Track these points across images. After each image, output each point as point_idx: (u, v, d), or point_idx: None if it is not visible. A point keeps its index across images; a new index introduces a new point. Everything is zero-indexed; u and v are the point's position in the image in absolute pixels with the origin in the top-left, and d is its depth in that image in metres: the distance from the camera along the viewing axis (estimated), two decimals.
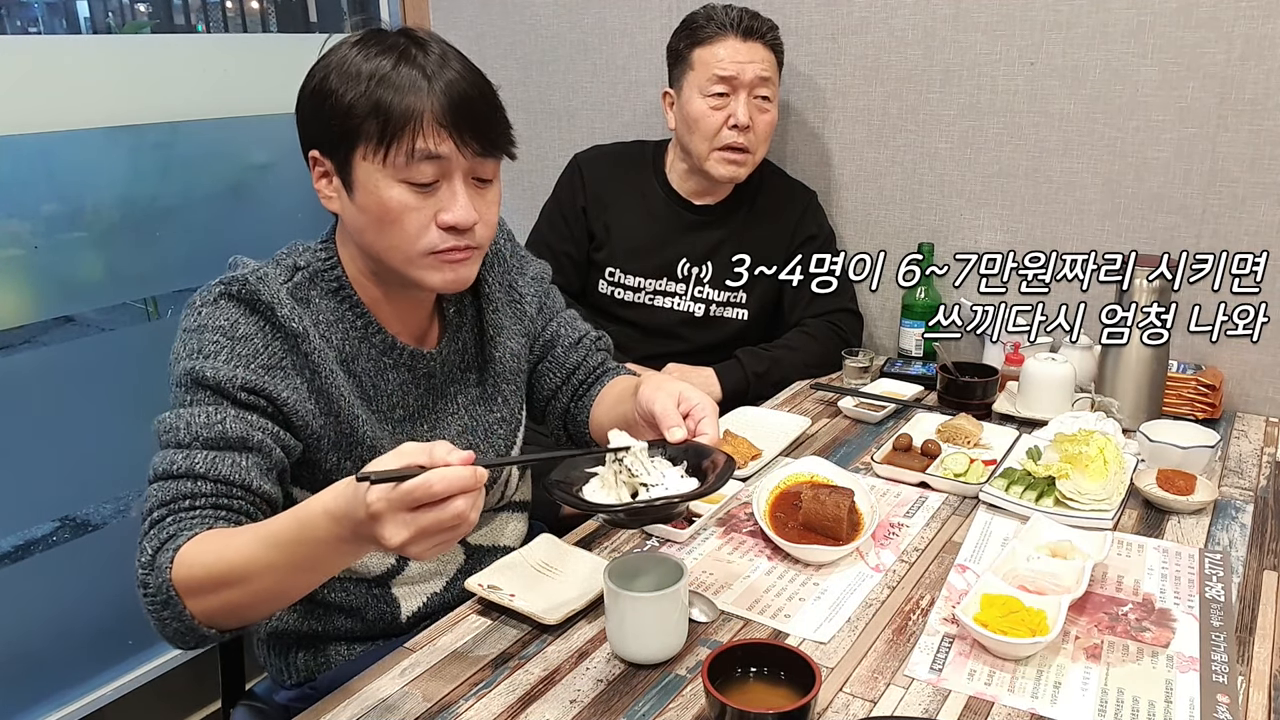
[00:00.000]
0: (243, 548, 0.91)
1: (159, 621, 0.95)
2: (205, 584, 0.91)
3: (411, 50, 1.04)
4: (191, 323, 1.05)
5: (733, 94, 1.82)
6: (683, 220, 1.94)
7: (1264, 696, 0.97)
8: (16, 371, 1.81)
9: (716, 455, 1.01)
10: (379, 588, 1.20)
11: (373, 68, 1.02)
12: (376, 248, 1.09)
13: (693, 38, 1.84)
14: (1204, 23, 1.67)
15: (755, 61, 1.82)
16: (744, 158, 1.85)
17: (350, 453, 1.11)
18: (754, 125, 1.83)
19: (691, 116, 1.84)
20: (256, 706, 1.30)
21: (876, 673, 1.01)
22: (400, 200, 1.04)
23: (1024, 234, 1.92)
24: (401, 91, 1.01)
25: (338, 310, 1.12)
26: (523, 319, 1.31)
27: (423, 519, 0.80)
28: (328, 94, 1.03)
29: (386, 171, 1.03)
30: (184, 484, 0.97)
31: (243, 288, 1.05)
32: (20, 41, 1.80)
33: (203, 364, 1.01)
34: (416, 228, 1.05)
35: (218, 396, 1.01)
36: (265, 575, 0.90)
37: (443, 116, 1.02)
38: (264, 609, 0.96)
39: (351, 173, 1.05)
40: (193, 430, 0.99)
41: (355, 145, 1.03)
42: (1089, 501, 1.30)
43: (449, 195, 1.05)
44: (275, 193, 2.13)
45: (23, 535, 1.84)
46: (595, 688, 0.99)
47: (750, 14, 1.83)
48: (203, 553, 0.92)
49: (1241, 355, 1.76)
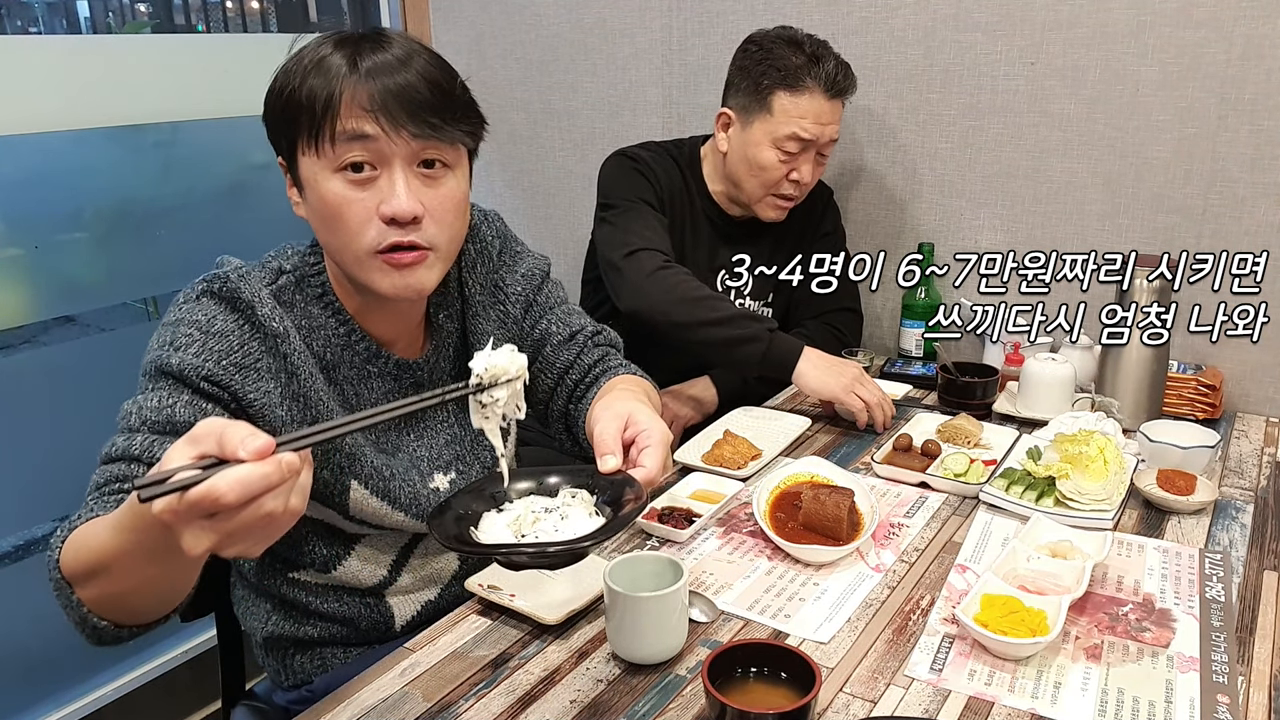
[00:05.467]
0: (100, 533, 0.82)
1: (64, 610, 0.89)
2: (82, 570, 0.85)
3: (361, 43, 1.01)
4: (171, 316, 1.03)
5: (803, 151, 1.76)
6: (720, 232, 1.91)
7: (1264, 697, 0.97)
8: (16, 371, 1.82)
9: (638, 491, 0.90)
10: (372, 597, 1.19)
11: (313, 56, 1.00)
12: (330, 250, 1.07)
13: (783, 80, 1.72)
14: (1204, 23, 1.67)
15: (834, 123, 1.77)
16: (792, 203, 1.84)
17: (329, 460, 1.08)
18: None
19: (757, 163, 1.77)
20: (256, 706, 1.30)
21: (876, 673, 1.01)
22: (337, 193, 1.00)
23: (1024, 234, 1.92)
24: (326, 76, 0.98)
25: (320, 317, 1.10)
26: (506, 321, 1.25)
27: (224, 525, 0.67)
28: (273, 91, 1.02)
29: (322, 163, 1.00)
30: (119, 467, 0.94)
31: (224, 285, 1.03)
32: (20, 41, 1.80)
33: (170, 354, 0.99)
34: (358, 222, 1.01)
35: (178, 384, 0.98)
36: (123, 563, 0.81)
37: (367, 97, 0.98)
38: (142, 601, 0.87)
39: (299, 173, 1.03)
40: (142, 414, 0.96)
41: (296, 140, 1.01)
42: (1089, 502, 1.30)
43: (388, 185, 1.00)
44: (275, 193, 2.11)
45: (23, 535, 1.84)
46: (595, 688, 0.98)
47: (842, 69, 1.74)
48: (81, 534, 0.86)
49: (1241, 355, 1.76)
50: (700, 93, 2.19)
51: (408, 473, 1.16)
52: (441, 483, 1.19)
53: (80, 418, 1.80)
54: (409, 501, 1.15)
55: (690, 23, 2.17)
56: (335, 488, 1.10)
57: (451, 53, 2.44)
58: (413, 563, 1.21)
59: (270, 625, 1.20)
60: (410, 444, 1.18)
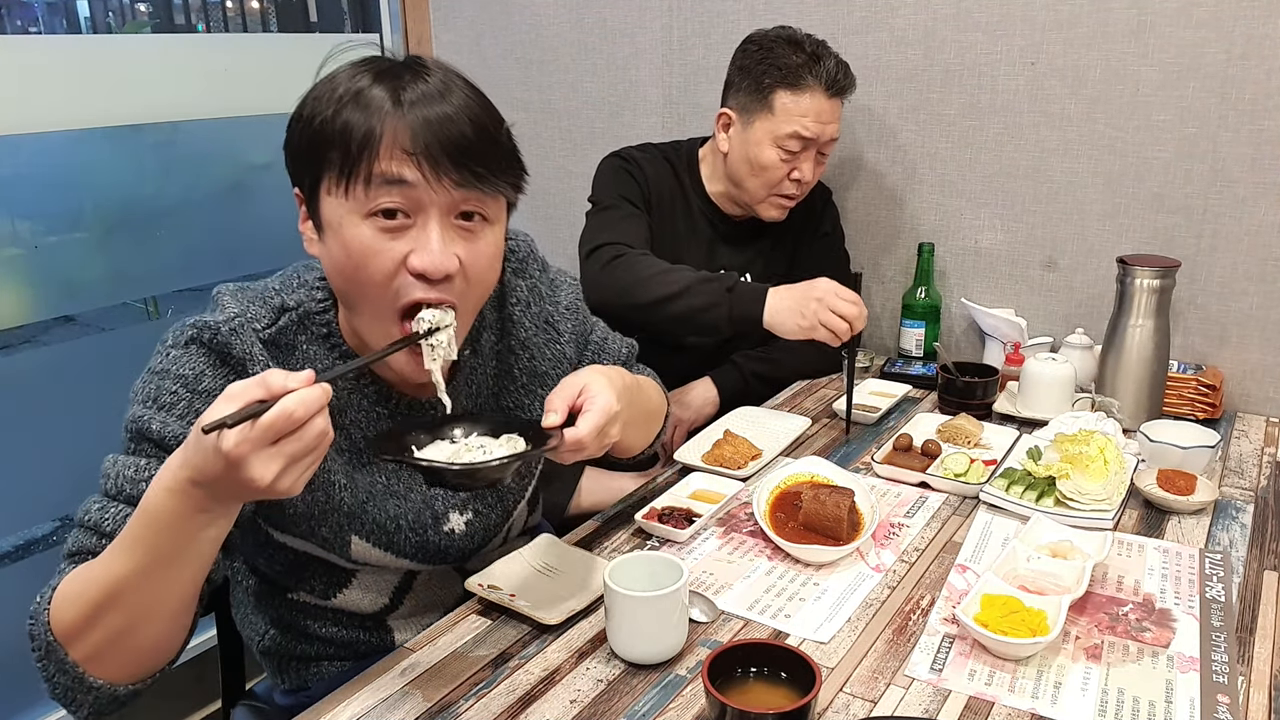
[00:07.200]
0: (104, 562, 0.84)
1: (48, 680, 0.87)
2: (80, 618, 0.84)
3: (401, 74, 0.93)
4: (157, 363, 0.97)
5: (804, 150, 1.75)
6: (719, 232, 1.91)
7: (1264, 697, 0.97)
8: (16, 371, 1.82)
9: (558, 441, 0.98)
10: (372, 622, 1.18)
11: (348, 87, 0.91)
12: (346, 298, 0.99)
13: (783, 79, 1.72)
14: (1204, 23, 1.67)
15: (835, 122, 1.76)
16: (794, 202, 1.84)
17: (327, 519, 1.05)
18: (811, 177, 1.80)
19: (758, 162, 1.76)
20: (256, 706, 1.30)
21: (877, 673, 1.01)
22: (365, 241, 0.91)
23: (1024, 234, 1.92)
24: (366, 111, 0.90)
25: (326, 359, 1.03)
26: (562, 361, 1.20)
27: (288, 448, 0.75)
28: (300, 119, 0.94)
29: (350, 206, 0.91)
30: (90, 537, 0.91)
31: (214, 336, 0.96)
32: (20, 41, 1.80)
33: (153, 415, 0.94)
34: (383, 274, 0.92)
35: (159, 451, 0.93)
36: (133, 581, 0.82)
37: (410, 139, 0.89)
38: (149, 632, 0.87)
39: (320, 211, 0.94)
40: (119, 482, 0.92)
41: (321, 177, 0.93)
42: (1089, 501, 1.30)
43: (421, 235, 0.92)
44: (275, 193, 2.13)
45: (23, 535, 1.84)
46: (595, 688, 0.98)
47: (842, 68, 1.74)
48: (71, 583, 0.86)
49: (1241, 355, 1.76)
50: (700, 93, 2.19)
51: (419, 515, 1.12)
52: (457, 523, 1.15)
53: (80, 418, 1.80)
54: (414, 550, 1.12)
55: (690, 23, 2.17)
56: (336, 542, 1.08)
57: (451, 53, 2.45)
58: (416, 589, 1.19)
59: (268, 640, 1.19)
60: (421, 487, 1.13)
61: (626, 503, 1.39)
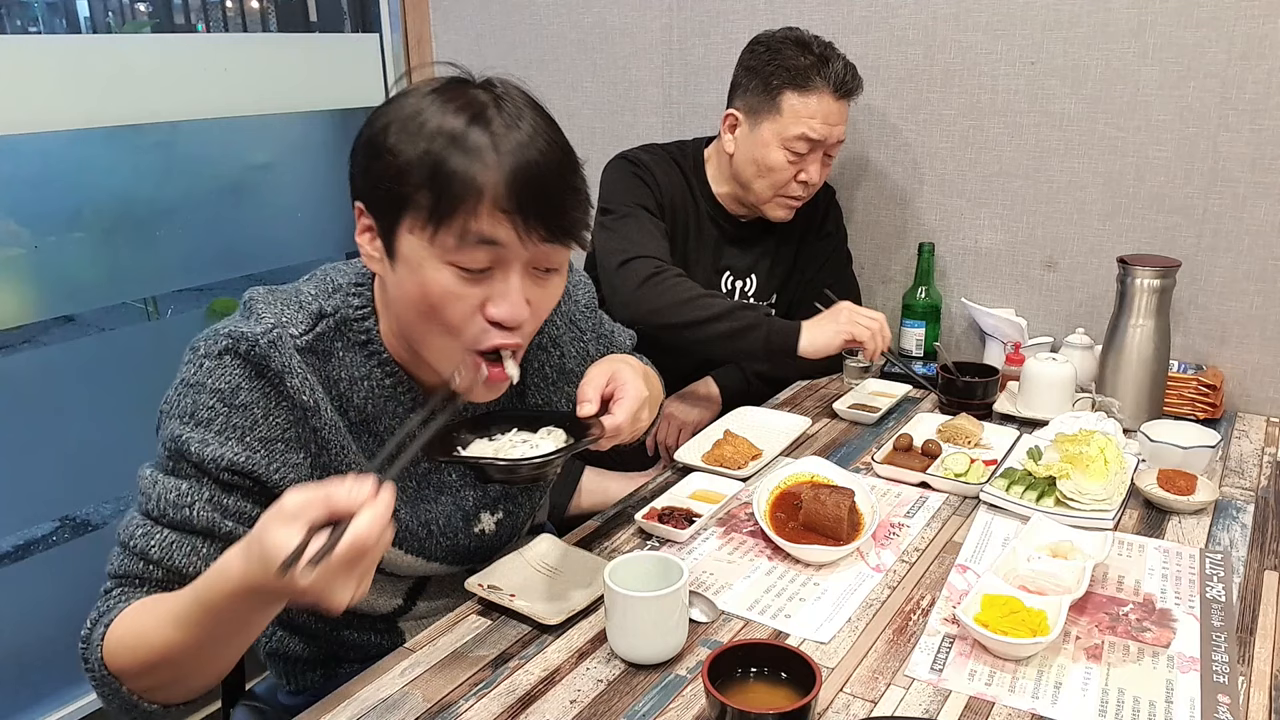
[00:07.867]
0: (159, 629, 0.85)
1: (103, 696, 0.91)
2: (135, 665, 0.87)
3: (489, 108, 0.90)
4: (191, 374, 0.95)
5: (811, 152, 1.76)
6: (725, 233, 1.91)
7: (1265, 697, 0.96)
8: (16, 371, 1.82)
9: (600, 431, 1.03)
10: (384, 624, 1.18)
11: (440, 125, 0.88)
12: (413, 333, 0.98)
13: (791, 80, 1.72)
14: (1204, 23, 1.67)
15: (842, 123, 1.77)
16: (800, 203, 1.84)
17: None
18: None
19: (765, 164, 1.76)
20: (257, 706, 1.30)
21: (877, 673, 1.01)
22: (444, 286, 0.91)
23: (1024, 234, 1.92)
24: (467, 157, 0.87)
25: (364, 366, 1.02)
26: (585, 359, 1.23)
27: (364, 565, 0.75)
28: (383, 149, 0.90)
29: (434, 251, 0.90)
30: (137, 562, 0.92)
31: (251, 349, 0.94)
32: (20, 41, 1.80)
33: (191, 434, 0.93)
34: (460, 318, 0.93)
35: (199, 474, 0.93)
36: (191, 651, 0.85)
37: (506, 195, 0.88)
38: (204, 681, 0.91)
39: (395, 243, 0.92)
40: (161, 506, 0.93)
41: (403, 215, 0.90)
42: (1090, 501, 1.30)
43: (502, 285, 0.92)
44: (275, 193, 2.13)
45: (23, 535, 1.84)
46: (595, 688, 0.98)
47: (850, 70, 1.75)
48: (126, 635, 0.88)
49: (1242, 355, 1.76)
50: (700, 93, 2.19)
51: (450, 518, 1.13)
52: (489, 523, 1.17)
53: (80, 418, 1.80)
54: (445, 553, 1.14)
55: (690, 23, 2.17)
56: None
57: (451, 53, 2.45)
58: (430, 590, 1.19)
59: (274, 641, 1.20)
60: (454, 484, 1.14)
61: (626, 503, 1.39)
